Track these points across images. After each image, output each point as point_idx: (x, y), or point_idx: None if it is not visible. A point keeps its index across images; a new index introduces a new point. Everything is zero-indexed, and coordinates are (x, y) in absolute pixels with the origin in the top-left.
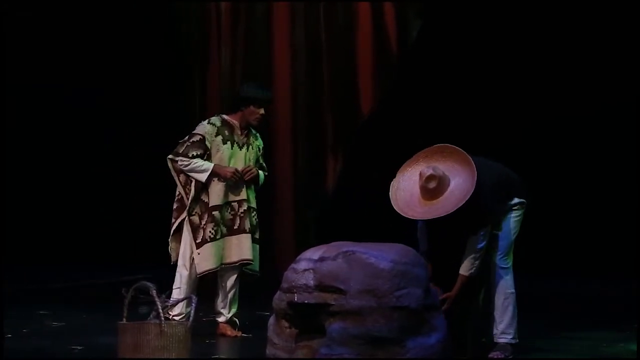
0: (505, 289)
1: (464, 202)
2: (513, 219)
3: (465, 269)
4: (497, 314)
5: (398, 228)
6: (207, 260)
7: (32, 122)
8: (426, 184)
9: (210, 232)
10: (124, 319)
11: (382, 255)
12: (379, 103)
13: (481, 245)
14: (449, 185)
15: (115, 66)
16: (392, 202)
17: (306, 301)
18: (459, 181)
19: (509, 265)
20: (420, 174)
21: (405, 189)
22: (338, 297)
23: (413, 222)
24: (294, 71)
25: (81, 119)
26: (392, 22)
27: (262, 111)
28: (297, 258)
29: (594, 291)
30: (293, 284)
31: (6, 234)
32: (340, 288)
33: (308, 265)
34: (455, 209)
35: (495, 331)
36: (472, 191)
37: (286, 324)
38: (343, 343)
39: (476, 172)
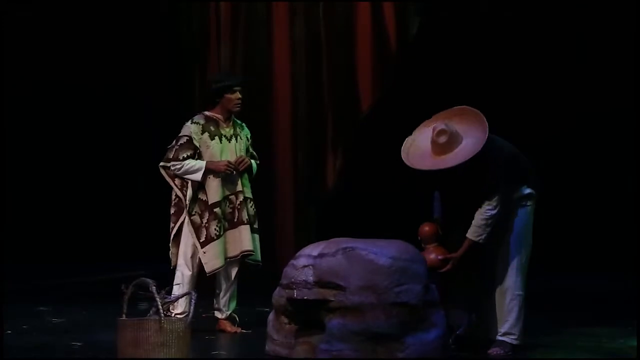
0: (513, 290)
1: (471, 156)
2: (524, 214)
3: (473, 234)
4: (501, 312)
5: (398, 224)
6: (216, 258)
7: (32, 121)
8: (437, 138)
9: (215, 229)
10: (124, 315)
11: (381, 252)
12: (378, 100)
13: (492, 212)
14: (460, 143)
15: (114, 66)
16: (402, 156)
17: (306, 297)
18: (471, 140)
19: (521, 265)
20: (433, 129)
21: (419, 146)
22: (337, 293)
23: (413, 218)
24: (294, 69)
25: (81, 118)
26: (392, 20)
27: (238, 95)
28: (297, 254)
29: (594, 287)
30: (292, 280)
31: (6, 232)
32: (339, 284)
33: (307, 262)
34: (462, 161)
35: (498, 329)
36: (479, 149)
37: (286, 320)
38: (342, 339)
39: (487, 133)
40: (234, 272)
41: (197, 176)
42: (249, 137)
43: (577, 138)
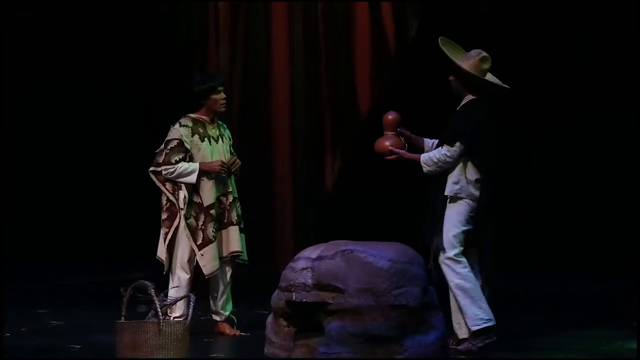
0: (451, 282)
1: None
2: (457, 210)
3: (425, 160)
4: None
5: (396, 227)
6: (214, 260)
7: (33, 121)
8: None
9: (212, 231)
10: (123, 318)
11: (380, 254)
12: (377, 102)
13: (446, 158)
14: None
15: (114, 66)
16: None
17: (304, 300)
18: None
19: (450, 258)
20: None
21: None
22: (336, 296)
23: (412, 220)
24: (292, 70)
25: (81, 118)
26: (390, 21)
27: (223, 95)
28: (296, 257)
29: (592, 289)
30: (291, 282)
31: (6, 232)
32: (338, 287)
33: (306, 264)
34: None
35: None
36: (461, 66)
37: (284, 323)
38: (341, 342)
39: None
40: (228, 274)
41: (192, 178)
42: (230, 137)
43: (576, 138)
